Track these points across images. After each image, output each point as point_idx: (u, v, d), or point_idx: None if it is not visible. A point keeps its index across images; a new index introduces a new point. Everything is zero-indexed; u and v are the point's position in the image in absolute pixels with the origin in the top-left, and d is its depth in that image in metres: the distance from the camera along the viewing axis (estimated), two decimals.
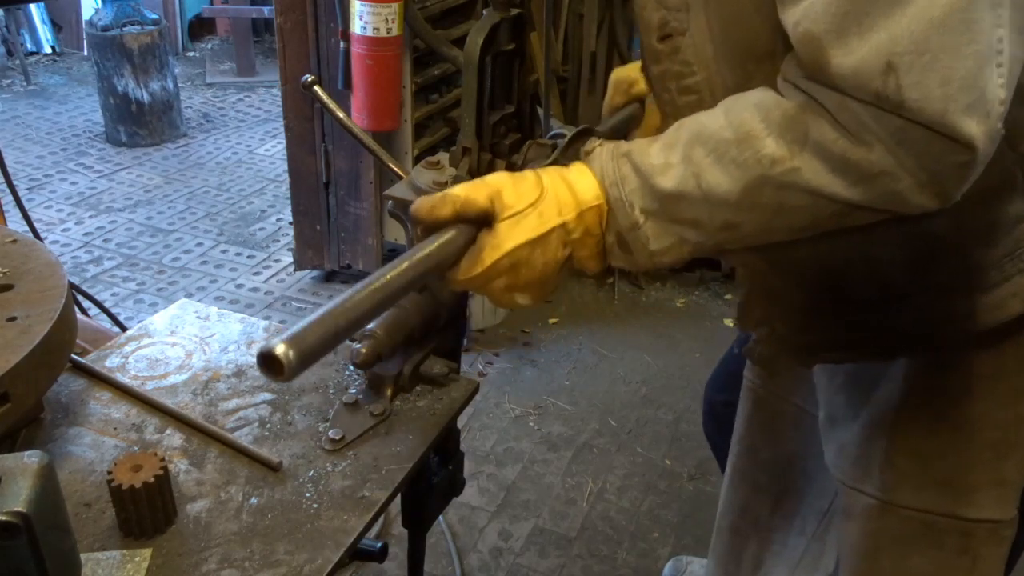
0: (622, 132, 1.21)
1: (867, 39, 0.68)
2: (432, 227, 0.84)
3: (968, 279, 0.95)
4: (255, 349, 1.26)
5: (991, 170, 0.76)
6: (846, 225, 0.80)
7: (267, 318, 3.03)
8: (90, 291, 2.87)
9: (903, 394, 1.08)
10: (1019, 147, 0.88)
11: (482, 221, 0.83)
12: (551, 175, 0.85)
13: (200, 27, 6.71)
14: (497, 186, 0.83)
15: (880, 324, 1.01)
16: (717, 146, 0.78)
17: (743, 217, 0.80)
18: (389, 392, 1.15)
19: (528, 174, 0.85)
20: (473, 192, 0.82)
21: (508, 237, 0.82)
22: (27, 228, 2.17)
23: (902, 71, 0.67)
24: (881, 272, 0.95)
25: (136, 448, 1.05)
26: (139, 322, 1.37)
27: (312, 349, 0.65)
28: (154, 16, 4.83)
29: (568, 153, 0.93)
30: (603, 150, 0.86)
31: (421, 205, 0.84)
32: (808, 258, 0.95)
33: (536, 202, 0.83)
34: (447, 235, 0.82)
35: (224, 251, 3.70)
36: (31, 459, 0.71)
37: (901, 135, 0.70)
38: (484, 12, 1.01)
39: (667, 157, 0.81)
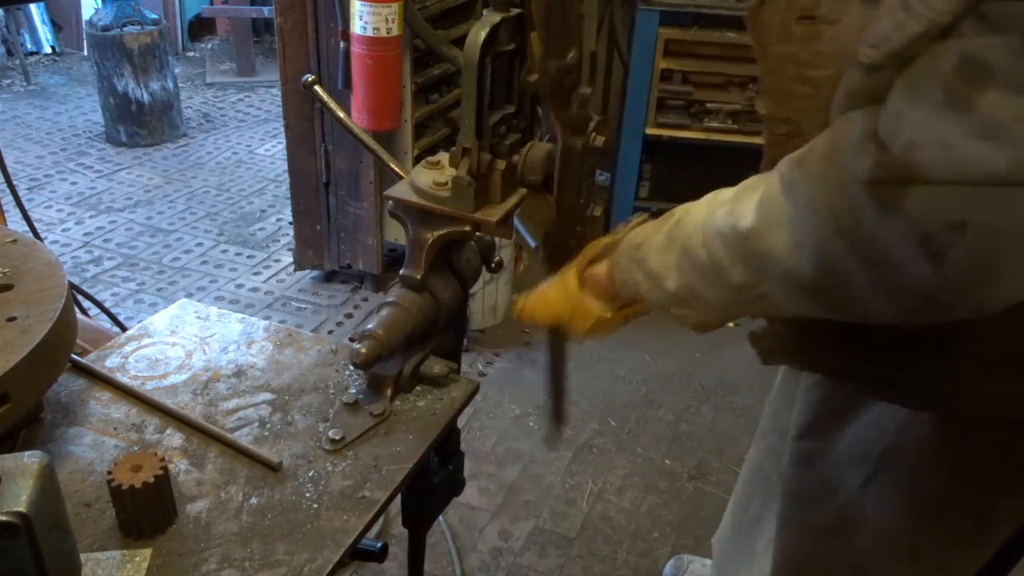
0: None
1: (966, 198, 0.63)
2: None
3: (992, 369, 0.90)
4: (255, 349, 1.26)
5: None
6: None
7: (267, 318, 3.03)
8: (90, 291, 2.87)
9: (895, 442, 1.05)
10: None
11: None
12: (569, 280, 1.04)
13: (200, 27, 6.71)
14: (544, 312, 1.08)
15: (885, 369, 0.98)
16: (698, 266, 0.85)
17: (742, 312, 0.90)
18: (389, 392, 1.15)
19: (556, 289, 1.05)
20: (533, 319, 1.09)
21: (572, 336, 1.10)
22: (27, 228, 2.17)
23: (969, 237, 0.63)
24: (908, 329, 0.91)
25: (136, 448, 1.05)
26: (139, 322, 1.37)
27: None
28: (154, 16, 4.83)
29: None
30: (624, 251, 0.96)
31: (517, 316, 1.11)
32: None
33: (566, 311, 1.05)
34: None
35: (224, 251, 3.70)
36: (31, 459, 0.71)
37: (890, 280, 0.69)
38: (484, 12, 1.01)
39: (665, 261, 0.89)
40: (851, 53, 0.75)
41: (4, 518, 0.67)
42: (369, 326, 1.10)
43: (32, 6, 6.06)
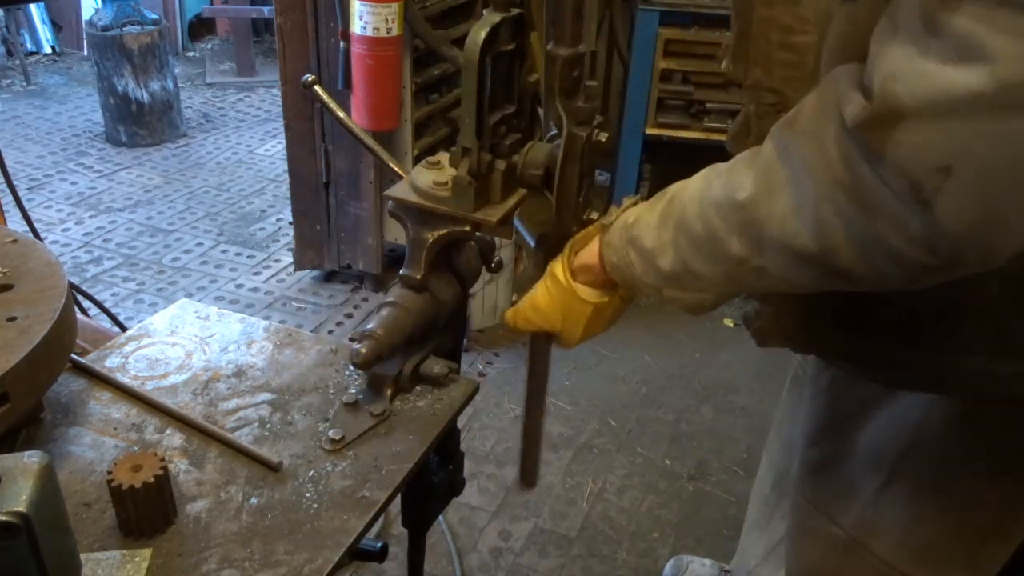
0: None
1: (950, 136, 0.61)
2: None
3: (999, 343, 0.89)
4: (255, 349, 1.26)
5: None
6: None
7: (267, 318, 3.03)
8: (90, 291, 2.87)
9: (911, 445, 1.03)
10: None
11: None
12: (553, 282, 1.02)
13: (200, 27, 6.71)
14: (539, 316, 1.05)
15: (893, 348, 0.96)
16: (694, 239, 0.83)
17: (738, 289, 0.88)
18: (389, 392, 1.15)
19: (545, 290, 1.03)
20: (528, 324, 1.08)
21: (563, 343, 1.09)
22: (27, 228, 2.17)
23: (955, 178, 0.62)
24: (905, 305, 0.91)
25: (136, 448, 1.05)
26: (139, 322, 1.36)
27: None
28: (154, 16, 4.83)
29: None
30: (615, 232, 0.94)
31: (507, 324, 1.11)
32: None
33: (558, 314, 1.03)
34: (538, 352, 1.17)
35: (224, 251, 3.70)
36: (31, 459, 0.71)
37: (881, 239, 0.68)
38: (484, 12, 1.01)
39: (660, 238, 0.87)
40: (834, 14, 0.76)
41: (4, 518, 0.67)
42: (369, 326, 1.10)
43: (32, 6, 6.06)
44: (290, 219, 3.39)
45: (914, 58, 0.62)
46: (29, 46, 6.23)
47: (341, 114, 1.31)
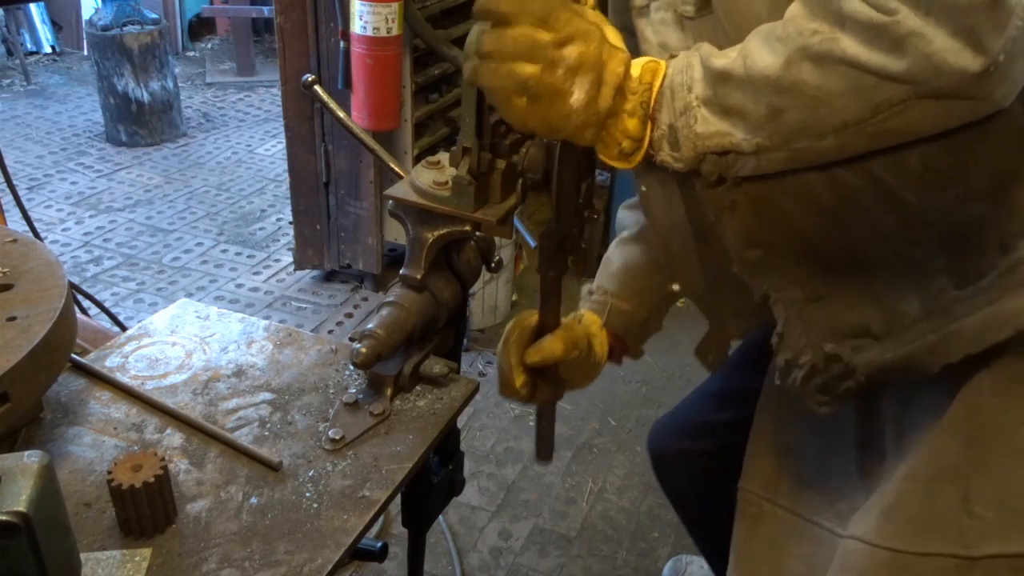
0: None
1: None
2: None
3: (1013, 274, 0.89)
4: (255, 349, 1.26)
5: None
6: (897, 125, 0.77)
7: (267, 318, 3.03)
8: (90, 291, 2.87)
9: (967, 434, 0.98)
10: None
11: None
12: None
13: (200, 27, 6.71)
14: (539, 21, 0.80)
15: (936, 332, 0.95)
16: (768, 30, 0.79)
17: (785, 102, 0.78)
18: (389, 392, 1.15)
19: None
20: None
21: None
22: (27, 228, 2.17)
23: None
24: (920, 278, 0.92)
25: (136, 448, 1.05)
26: (139, 322, 1.37)
27: None
28: (154, 16, 4.83)
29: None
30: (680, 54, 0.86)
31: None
32: (850, 276, 0.95)
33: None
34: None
35: (224, 251, 3.70)
36: (31, 459, 0.71)
37: None
38: None
39: (727, 51, 0.82)
40: None
41: (4, 518, 0.67)
42: (369, 326, 1.10)
43: (32, 6, 6.06)
44: (290, 219, 3.39)
45: None
46: (29, 46, 6.23)
47: (341, 114, 1.32)
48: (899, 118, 0.75)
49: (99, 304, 2.48)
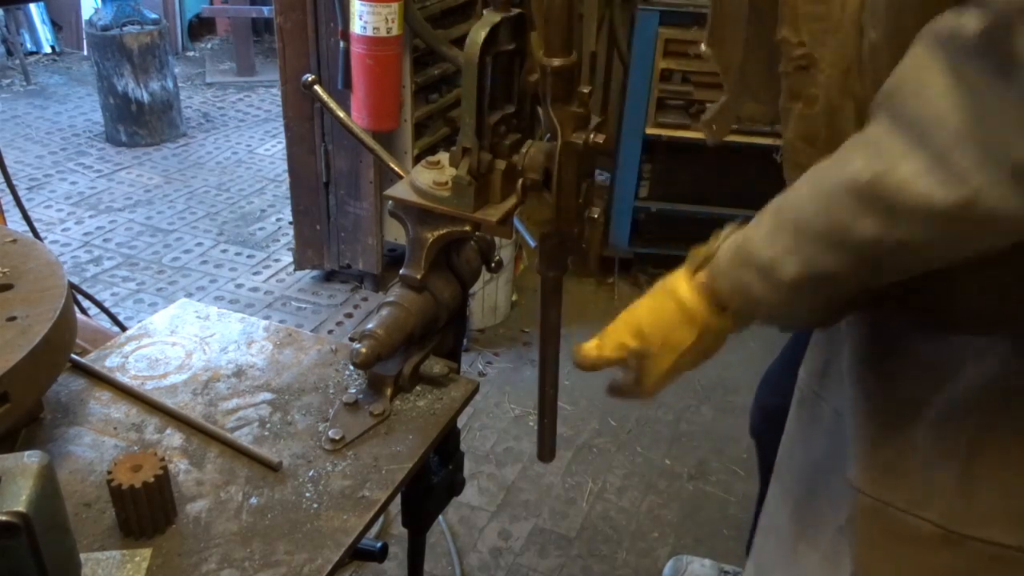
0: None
1: None
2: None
3: None
4: (255, 349, 1.26)
5: None
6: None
7: (267, 318, 3.03)
8: (90, 291, 2.87)
9: (985, 420, 0.99)
10: None
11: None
12: (668, 296, 0.94)
13: (200, 27, 6.71)
14: (637, 336, 0.96)
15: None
16: (817, 236, 0.78)
17: (870, 278, 0.81)
18: (389, 392, 1.15)
19: (655, 303, 0.95)
20: (620, 349, 0.98)
21: (645, 374, 0.99)
22: (27, 228, 2.17)
23: None
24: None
25: (136, 448, 1.05)
26: (139, 322, 1.36)
27: None
28: (154, 16, 4.83)
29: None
30: (721, 260, 0.89)
31: (585, 359, 1.02)
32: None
33: (663, 331, 0.94)
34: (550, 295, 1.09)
35: (224, 251, 3.70)
36: (31, 459, 0.71)
37: (1017, 167, 0.64)
38: (484, 12, 1.01)
39: (776, 247, 0.82)
40: None
41: (4, 518, 0.67)
42: (369, 326, 1.10)
43: (32, 6, 6.06)
44: (290, 219, 3.39)
45: None
46: (29, 46, 6.23)
47: (341, 114, 1.31)
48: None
49: (99, 304, 2.48)
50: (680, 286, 0.93)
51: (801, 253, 0.80)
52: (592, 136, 0.98)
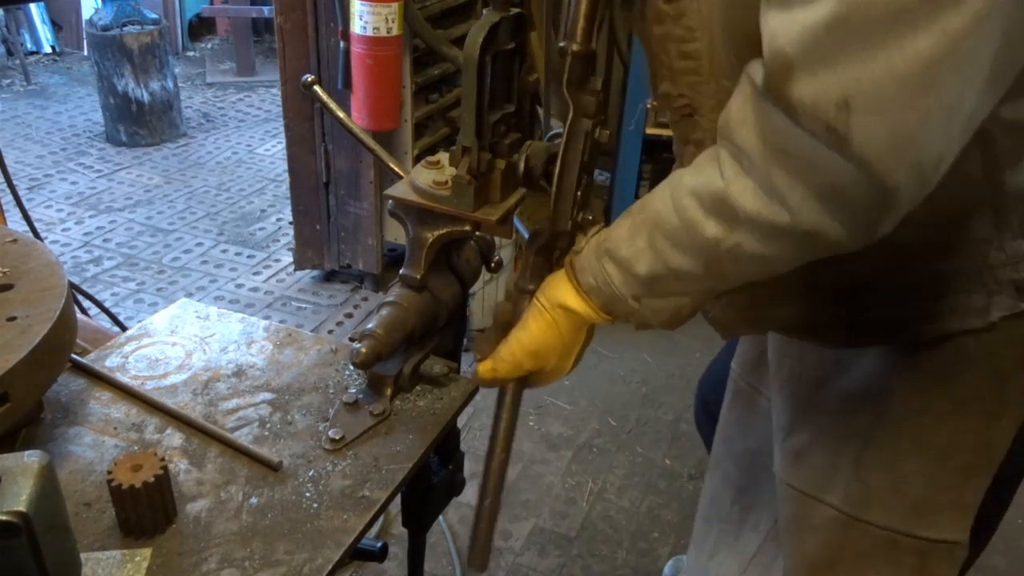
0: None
1: (833, 73, 0.69)
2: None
3: (933, 286, 0.98)
4: (255, 349, 1.26)
5: (962, 196, 0.88)
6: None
7: (267, 318, 3.03)
8: (90, 291, 2.87)
9: (878, 409, 1.08)
10: (994, 176, 0.91)
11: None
12: (561, 316, 0.97)
13: (200, 27, 6.71)
14: (531, 363, 0.99)
15: (848, 312, 1.04)
16: (671, 233, 0.87)
17: (717, 283, 0.90)
18: (389, 392, 1.15)
19: (546, 331, 0.97)
20: (515, 373, 1.01)
21: (545, 381, 1.05)
22: (27, 228, 2.17)
23: (855, 110, 0.69)
24: (852, 270, 0.98)
25: (136, 448, 1.05)
26: (139, 322, 1.37)
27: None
28: (154, 16, 4.83)
29: (546, 254, 1.01)
30: (588, 254, 0.95)
31: (480, 383, 1.04)
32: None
33: (560, 350, 0.99)
34: (509, 392, 1.06)
35: (224, 251, 3.70)
36: (31, 459, 0.71)
37: (829, 189, 0.73)
38: (484, 12, 1.01)
39: (636, 243, 0.90)
40: (712, 25, 0.86)
41: (4, 518, 0.67)
42: (369, 325, 1.10)
43: (32, 6, 6.06)
44: (290, 219, 3.39)
45: (782, 13, 0.71)
46: (29, 46, 6.23)
47: (341, 114, 1.31)
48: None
49: (99, 304, 2.48)
50: (568, 299, 0.97)
51: (655, 249, 0.88)
52: (598, 132, 0.98)
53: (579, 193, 0.98)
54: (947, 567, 1.11)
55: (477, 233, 1.10)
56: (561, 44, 0.96)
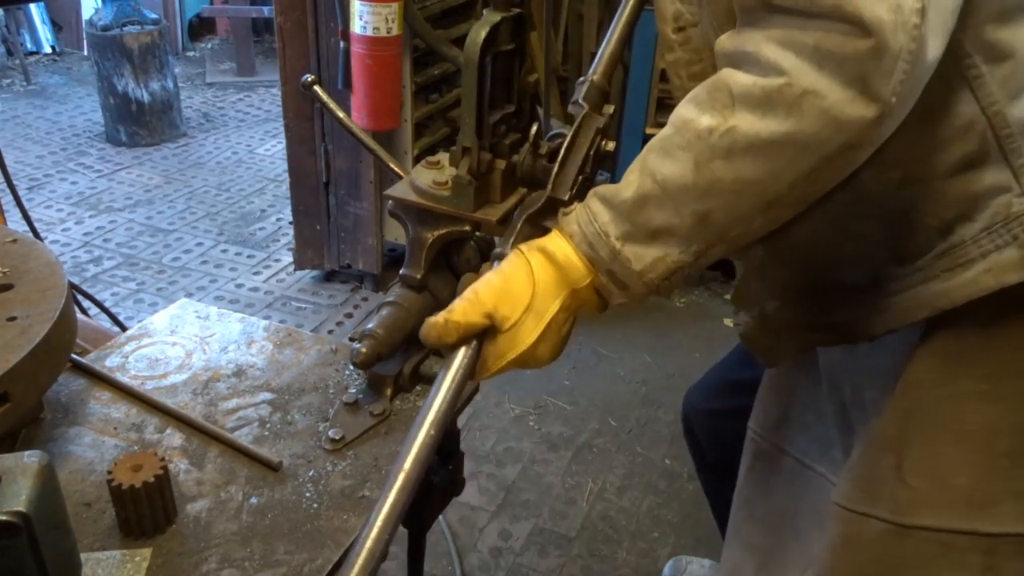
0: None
1: None
2: (444, 348, 0.88)
3: (948, 256, 0.94)
4: (255, 349, 1.26)
5: (966, 138, 0.85)
6: (813, 189, 0.81)
7: (267, 318, 3.03)
8: (90, 291, 2.87)
9: (905, 406, 1.03)
10: (996, 119, 0.87)
11: (485, 333, 0.88)
12: (538, 260, 0.89)
13: (200, 27, 6.71)
14: (492, 302, 0.87)
15: (870, 304, 1.00)
16: (663, 143, 0.83)
17: (708, 204, 0.82)
18: (389, 392, 1.15)
19: (518, 271, 0.88)
20: (472, 316, 0.86)
21: (510, 348, 0.88)
22: (27, 228, 2.17)
23: None
24: (866, 253, 0.97)
25: (136, 448, 1.05)
26: (139, 322, 1.37)
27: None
28: (154, 16, 4.83)
29: (535, 223, 0.95)
30: (576, 207, 0.91)
31: (428, 335, 0.87)
32: (799, 244, 0.98)
33: (530, 304, 0.87)
34: (458, 359, 0.86)
35: (224, 251, 3.70)
36: (31, 459, 0.71)
37: (815, 48, 0.73)
38: (484, 12, 1.01)
39: (626, 178, 0.86)
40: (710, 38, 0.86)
41: (4, 518, 0.67)
42: (369, 325, 1.10)
43: (32, 6, 6.06)
44: (290, 219, 3.39)
45: None
46: (29, 46, 6.23)
47: (341, 114, 1.31)
48: (814, 184, 0.80)
49: (99, 304, 2.48)
50: (547, 242, 0.90)
51: (643, 170, 0.84)
52: (603, 144, 1.00)
53: (580, 177, 0.97)
54: (1017, 561, 1.03)
55: (477, 233, 1.10)
56: (581, 79, 1.01)
